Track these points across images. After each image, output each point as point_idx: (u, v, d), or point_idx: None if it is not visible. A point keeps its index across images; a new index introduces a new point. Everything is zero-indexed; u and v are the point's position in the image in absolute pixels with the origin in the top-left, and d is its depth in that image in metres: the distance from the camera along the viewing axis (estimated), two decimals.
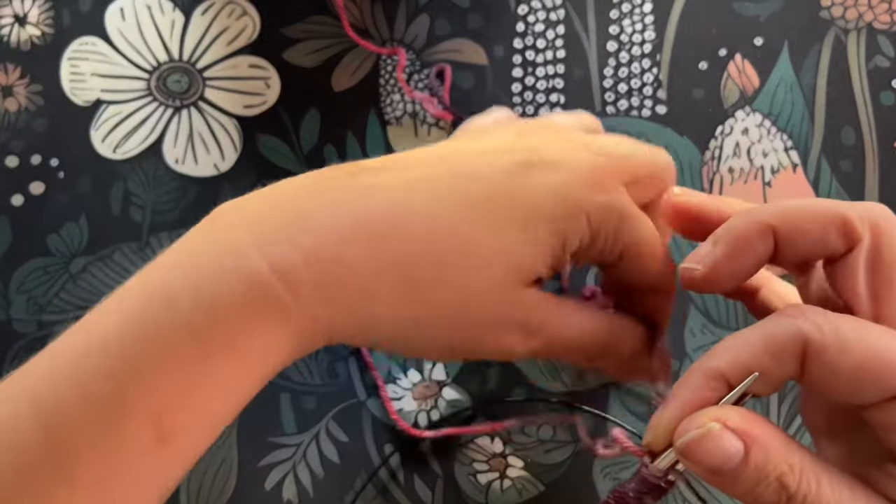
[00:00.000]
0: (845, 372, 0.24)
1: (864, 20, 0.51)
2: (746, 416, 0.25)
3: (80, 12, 0.52)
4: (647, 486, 0.27)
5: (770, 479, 0.24)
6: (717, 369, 0.26)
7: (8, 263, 0.49)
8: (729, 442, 0.24)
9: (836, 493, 0.24)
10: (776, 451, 0.24)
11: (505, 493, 0.47)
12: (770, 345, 0.25)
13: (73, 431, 0.23)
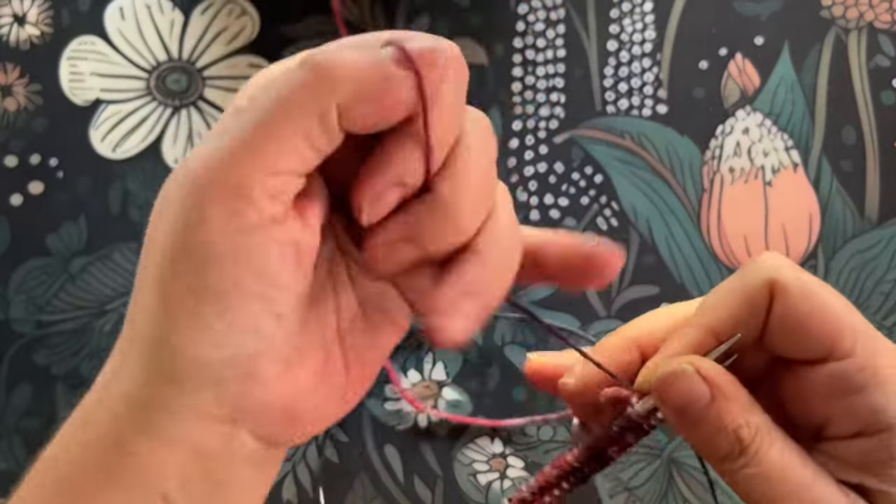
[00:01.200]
0: (797, 317, 0.26)
1: (865, 20, 0.51)
2: (718, 369, 0.27)
3: (80, 12, 0.52)
4: (630, 424, 0.28)
5: (728, 430, 0.26)
6: (707, 326, 0.27)
7: (7, 263, 0.49)
8: (697, 385, 0.26)
9: (786, 458, 0.26)
10: (738, 405, 0.26)
11: (505, 493, 0.47)
12: (746, 293, 0.27)
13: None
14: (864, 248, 0.49)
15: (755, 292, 0.26)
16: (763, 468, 0.25)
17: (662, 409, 0.27)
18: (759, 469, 0.25)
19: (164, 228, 0.23)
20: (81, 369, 0.48)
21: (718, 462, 0.27)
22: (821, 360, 0.26)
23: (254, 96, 0.23)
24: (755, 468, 0.26)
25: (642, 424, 0.28)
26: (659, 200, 0.50)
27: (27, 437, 0.48)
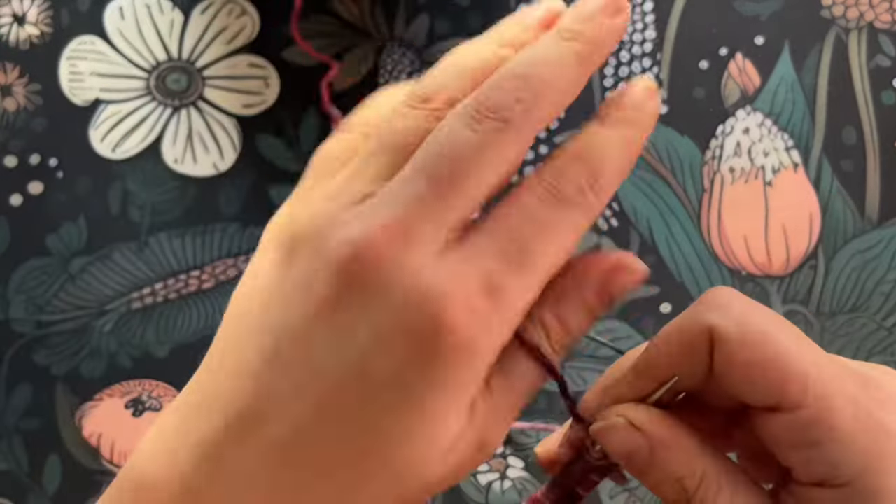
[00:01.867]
0: (739, 367, 0.24)
1: (865, 19, 0.51)
2: (654, 418, 0.26)
3: (79, 11, 0.52)
4: (590, 467, 0.28)
5: (671, 479, 0.25)
6: (643, 367, 0.27)
7: (7, 263, 0.49)
8: (632, 436, 0.26)
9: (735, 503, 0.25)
10: (681, 453, 0.25)
11: (505, 494, 0.47)
12: (681, 338, 0.25)
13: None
14: (864, 248, 0.49)
15: (694, 339, 0.25)
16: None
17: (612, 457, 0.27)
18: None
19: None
20: (81, 369, 0.48)
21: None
22: (774, 408, 0.24)
23: None
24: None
25: (602, 465, 0.27)
26: (659, 200, 0.50)
27: (27, 437, 0.48)
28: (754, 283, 0.48)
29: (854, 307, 0.48)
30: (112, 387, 0.48)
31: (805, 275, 0.49)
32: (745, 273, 0.49)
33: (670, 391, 0.26)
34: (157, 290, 0.49)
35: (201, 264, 0.49)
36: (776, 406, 0.24)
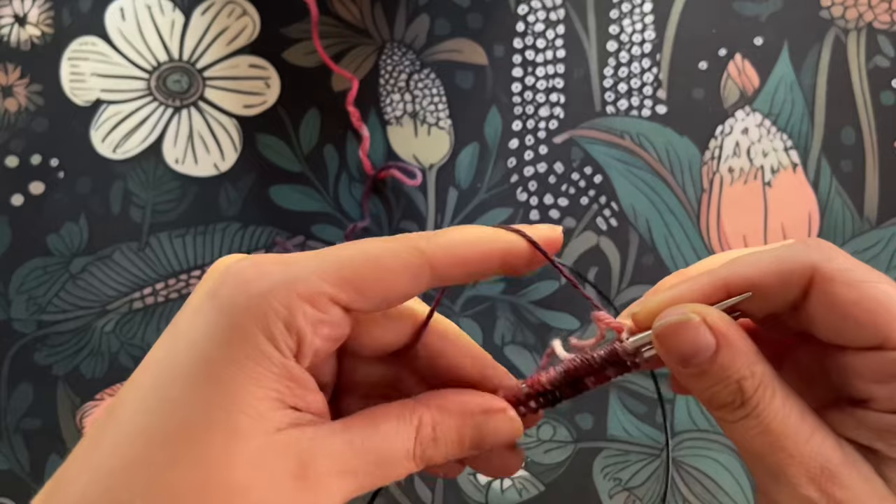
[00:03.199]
0: (844, 306, 0.25)
1: (864, 20, 0.51)
2: (725, 318, 0.26)
3: (80, 12, 0.52)
4: (613, 359, 0.28)
5: (731, 381, 0.26)
6: (724, 279, 0.27)
7: (8, 263, 0.49)
8: (703, 335, 0.26)
9: (787, 410, 0.26)
10: (744, 356, 0.26)
11: (505, 494, 0.47)
12: (779, 267, 0.26)
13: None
14: (863, 248, 0.49)
15: (793, 272, 0.26)
16: (762, 420, 0.26)
17: (664, 356, 0.27)
18: (759, 420, 0.26)
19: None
20: (82, 369, 0.48)
21: (716, 410, 0.27)
22: (871, 347, 0.25)
23: None
24: (755, 419, 0.26)
25: (626, 361, 0.28)
26: (658, 200, 0.50)
27: (28, 436, 0.48)
28: None
29: None
30: (113, 386, 0.48)
31: None
32: None
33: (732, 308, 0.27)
34: (157, 290, 0.49)
35: (202, 264, 0.49)
36: (879, 345, 0.25)
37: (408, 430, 0.26)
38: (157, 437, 0.24)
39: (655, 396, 0.47)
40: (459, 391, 0.28)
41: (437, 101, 0.51)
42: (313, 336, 0.25)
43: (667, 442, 0.47)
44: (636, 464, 0.47)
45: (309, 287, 0.25)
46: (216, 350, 0.24)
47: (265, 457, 0.24)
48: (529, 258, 0.28)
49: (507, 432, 0.28)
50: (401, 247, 0.26)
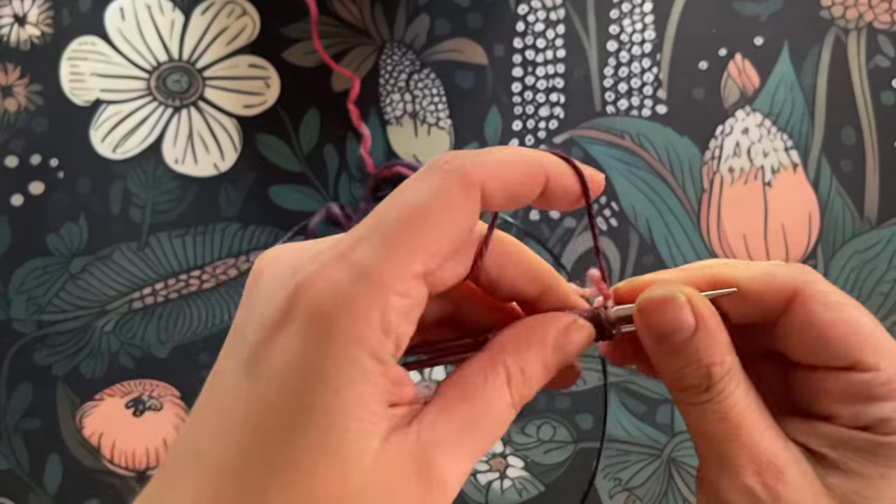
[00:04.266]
0: (820, 326, 0.26)
1: (865, 20, 0.51)
2: (708, 304, 0.27)
3: (80, 12, 0.52)
4: (594, 321, 0.28)
5: (702, 364, 0.27)
6: (714, 275, 0.28)
7: (8, 263, 0.49)
8: (686, 314, 0.27)
9: (747, 402, 0.27)
10: (718, 343, 0.27)
11: (505, 493, 0.47)
12: (767, 277, 0.27)
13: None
14: (863, 248, 0.49)
15: (779, 284, 0.27)
16: (723, 407, 0.26)
17: (642, 330, 0.27)
18: (720, 406, 0.26)
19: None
20: (82, 369, 0.48)
21: (681, 391, 0.27)
22: (841, 368, 0.26)
23: None
24: (716, 405, 0.26)
25: (605, 329, 0.28)
26: (658, 200, 0.50)
27: (28, 436, 0.48)
28: None
29: None
30: (112, 386, 0.48)
31: None
32: None
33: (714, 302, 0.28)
34: (157, 290, 0.49)
35: (202, 264, 0.49)
36: (849, 366, 0.26)
37: (501, 387, 0.26)
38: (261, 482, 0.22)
39: (655, 397, 0.47)
40: (528, 324, 0.28)
41: (437, 101, 0.51)
42: (408, 325, 0.24)
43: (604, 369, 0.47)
44: (636, 464, 0.47)
45: (394, 281, 0.23)
46: (310, 384, 0.22)
47: (385, 472, 0.23)
48: (571, 192, 0.27)
49: (583, 342, 0.28)
50: (446, 184, 0.24)
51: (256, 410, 0.23)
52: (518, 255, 0.29)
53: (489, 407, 0.26)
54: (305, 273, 0.23)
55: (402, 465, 0.23)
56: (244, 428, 0.23)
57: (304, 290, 0.23)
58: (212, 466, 0.23)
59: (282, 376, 0.23)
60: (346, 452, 0.22)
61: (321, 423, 0.22)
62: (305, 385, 0.22)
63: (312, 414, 0.22)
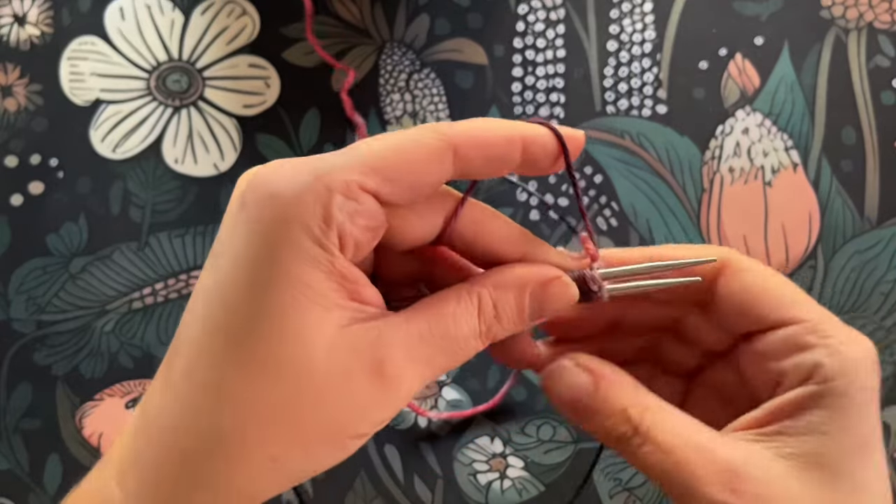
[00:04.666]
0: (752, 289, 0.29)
1: (865, 20, 0.51)
2: (595, 358, 0.29)
3: (80, 12, 0.52)
4: (579, 281, 0.29)
5: (616, 411, 0.28)
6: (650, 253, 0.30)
7: (7, 263, 0.49)
8: (579, 376, 0.28)
9: (680, 427, 0.27)
10: (621, 386, 0.28)
11: (505, 493, 0.47)
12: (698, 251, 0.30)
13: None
14: (863, 248, 0.49)
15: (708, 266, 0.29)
16: (660, 442, 0.27)
17: (557, 406, 0.29)
18: (656, 443, 0.27)
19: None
20: (82, 369, 0.48)
21: (617, 445, 0.28)
22: (771, 327, 0.28)
23: None
24: (652, 444, 0.27)
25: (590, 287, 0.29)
26: (659, 200, 0.50)
27: (28, 436, 0.48)
28: None
29: (853, 307, 0.48)
30: (112, 386, 0.48)
31: (804, 274, 0.49)
32: None
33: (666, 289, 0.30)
34: (157, 290, 0.49)
35: (202, 264, 0.49)
36: (780, 323, 0.28)
37: (470, 311, 0.27)
38: (225, 360, 0.24)
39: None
40: (512, 266, 0.29)
41: (437, 101, 0.51)
42: (352, 227, 0.25)
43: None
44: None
45: (337, 179, 0.24)
46: (260, 262, 0.24)
47: (338, 358, 0.24)
48: (551, 152, 0.28)
49: (564, 298, 0.29)
50: (422, 132, 0.26)
51: (218, 290, 0.24)
52: (496, 221, 0.29)
53: (455, 325, 0.26)
54: (265, 166, 0.25)
55: (358, 354, 0.24)
56: (209, 308, 0.24)
57: (259, 178, 0.25)
58: (186, 347, 0.25)
59: (238, 256, 0.24)
60: (302, 331, 0.24)
61: (278, 301, 0.24)
62: (258, 264, 0.24)
63: (268, 291, 0.24)
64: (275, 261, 0.24)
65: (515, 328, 0.28)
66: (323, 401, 0.24)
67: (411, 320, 0.26)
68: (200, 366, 0.24)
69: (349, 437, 0.25)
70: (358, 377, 0.24)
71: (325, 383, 0.24)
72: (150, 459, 0.25)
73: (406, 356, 0.25)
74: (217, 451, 0.24)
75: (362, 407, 0.25)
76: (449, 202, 0.29)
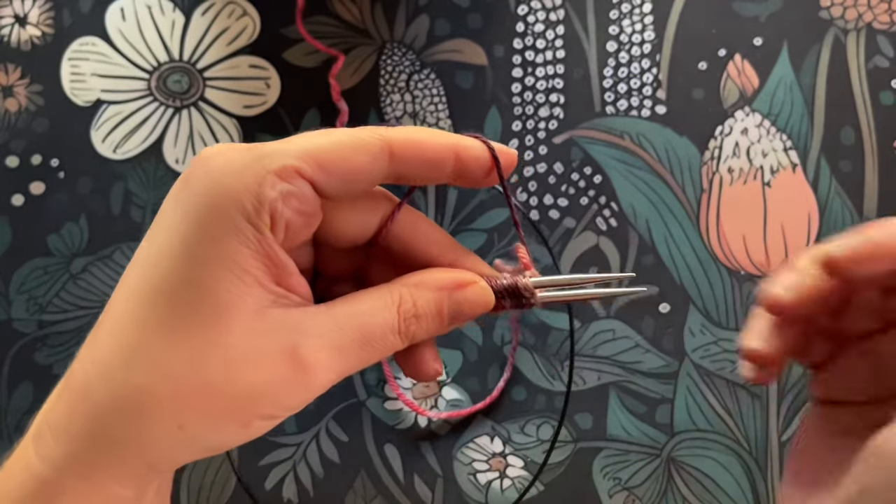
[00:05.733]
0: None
1: (864, 20, 0.51)
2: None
3: (81, 12, 0.52)
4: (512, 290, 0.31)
5: None
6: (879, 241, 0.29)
7: (8, 263, 0.49)
8: None
9: None
10: None
11: (505, 493, 0.47)
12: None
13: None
14: None
15: None
16: None
17: None
18: None
19: None
20: None
21: None
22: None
23: None
24: None
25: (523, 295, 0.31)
26: (658, 201, 0.50)
27: None
28: (753, 283, 0.49)
29: None
30: None
31: None
32: (744, 273, 0.49)
33: None
34: None
35: None
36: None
37: (390, 307, 0.28)
38: (147, 321, 0.25)
39: (655, 397, 0.47)
40: (433, 270, 0.30)
41: (437, 102, 0.51)
42: (283, 207, 0.26)
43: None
44: (636, 463, 0.47)
45: (275, 161, 0.26)
46: (192, 232, 0.25)
47: (255, 335, 0.25)
48: (483, 164, 0.29)
49: (481, 302, 0.30)
50: (362, 131, 0.27)
51: (150, 258, 0.26)
52: (429, 228, 0.31)
53: (373, 318, 0.27)
54: (211, 147, 0.27)
55: (273, 336, 0.25)
56: (140, 274, 0.26)
57: (203, 157, 0.26)
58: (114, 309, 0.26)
59: (173, 227, 0.25)
60: (221, 302, 0.25)
61: (203, 271, 0.25)
62: (190, 236, 0.25)
63: (195, 262, 0.25)
64: (205, 233, 0.25)
65: (434, 328, 0.29)
66: (234, 374, 0.25)
67: (330, 311, 0.27)
68: (124, 327, 0.25)
69: (257, 416, 0.26)
70: (272, 358, 0.25)
71: (238, 357, 0.25)
72: (61, 414, 0.26)
73: (321, 344, 0.26)
74: (125, 408, 0.25)
75: (273, 388, 0.25)
76: (387, 205, 0.30)
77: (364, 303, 0.28)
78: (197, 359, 0.25)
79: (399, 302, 0.28)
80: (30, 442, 0.26)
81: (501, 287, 0.30)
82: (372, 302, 0.28)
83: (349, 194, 0.28)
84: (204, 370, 0.25)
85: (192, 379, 0.25)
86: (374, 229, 0.30)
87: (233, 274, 0.25)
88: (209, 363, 0.25)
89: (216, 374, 0.25)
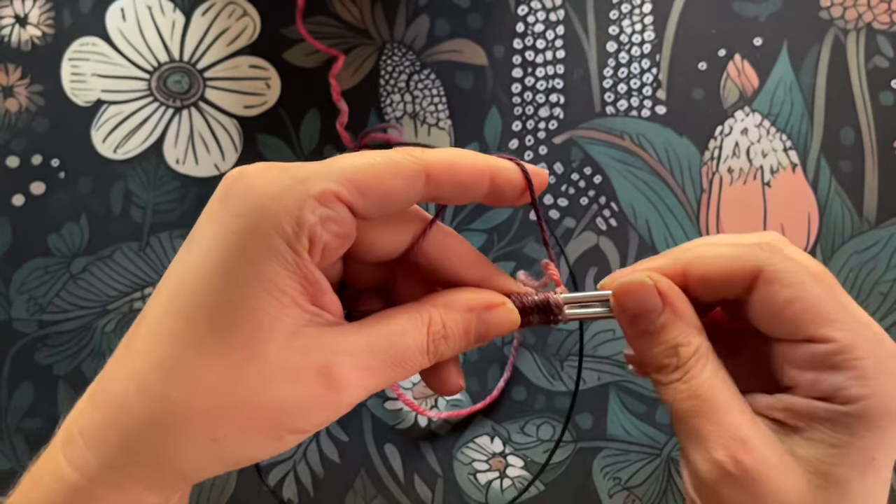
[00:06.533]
0: (778, 304, 0.29)
1: (864, 20, 0.52)
2: (674, 288, 0.30)
3: (81, 13, 0.52)
4: (543, 305, 0.31)
5: (670, 344, 0.29)
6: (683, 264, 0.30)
7: (9, 263, 0.49)
8: (653, 296, 0.30)
9: (714, 381, 0.29)
10: (685, 324, 0.30)
11: (505, 493, 0.47)
12: (731, 265, 0.30)
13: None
14: (862, 248, 0.49)
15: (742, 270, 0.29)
16: (692, 385, 0.29)
17: (619, 314, 0.30)
18: (689, 385, 0.29)
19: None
20: (83, 369, 0.48)
21: (655, 372, 0.30)
22: (799, 340, 0.29)
23: None
24: (685, 384, 0.29)
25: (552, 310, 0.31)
26: (658, 201, 0.50)
27: (29, 436, 0.48)
28: None
29: None
30: None
31: None
32: None
33: None
34: None
35: None
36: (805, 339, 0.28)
37: (420, 328, 0.28)
38: (185, 337, 0.25)
39: (655, 396, 0.47)
40: (462, 290, 0.30)
41: (437, 102, 0.51)
42: (322, 231, 0.26)
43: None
44: (636, 463, 0.47)
45: (315, 185, 0.26)
46: (230, 251, 0.25)
47: (291, 353, 0.26)
48: (516, 186, 0.30)
49: (507, 322, 0.30)
50: (399, 153, 0.28)
51: (187, 275, 0.26)
52: (460, 246, 0.31)
53: (403, 338, 0.28)
54: (250, 166, 0.27)
55: (307, 354, 0.26)
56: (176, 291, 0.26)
57: (244, 175, 0.26)
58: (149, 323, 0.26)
59: (211, 245, 0.26)
60: (258, 321, 0.25)
61: (240, 291, 0.25)
62: (228, 255, 0.25)
63: (233, 281, 0.25)
64: (245, 255, 0.25)
65: (461, 347, 0.30)
66: (269, 390, 0.25)
67: (362, 331, 0.27)
68: (162, 341, 0.26)
69: (288, 430, 0.26)
70: (304, 376, 0.26)
71: (273, 374, 0.25)
72: (97, 424, 0.26)
73: (353, 363, 0.27)
74: (161, 421, 0.25)
75: (305, 404, 0.26)
76: (418, 222, 0.30)
77: (395, 323, 0.28)
78: (233, 375, 0.25)
79: (429, 323, 0.29)
80: (59, 450, 0.27)
81: (532, 303, 0.31)
82: (403, 323, 0.28)
83: (384, 215, 0.28)
84: (240, 386, 0.25)
85: (227, 394, 0.25)
86: (406, 246, 0.30)
87: (271, 295, 0.25)
88: (245, 379, 0.25)
89: (251, 390, 0.25)
